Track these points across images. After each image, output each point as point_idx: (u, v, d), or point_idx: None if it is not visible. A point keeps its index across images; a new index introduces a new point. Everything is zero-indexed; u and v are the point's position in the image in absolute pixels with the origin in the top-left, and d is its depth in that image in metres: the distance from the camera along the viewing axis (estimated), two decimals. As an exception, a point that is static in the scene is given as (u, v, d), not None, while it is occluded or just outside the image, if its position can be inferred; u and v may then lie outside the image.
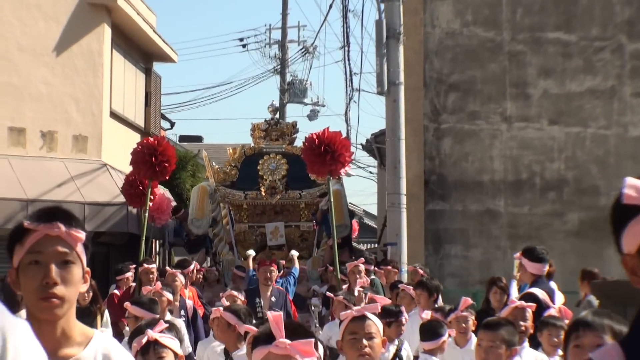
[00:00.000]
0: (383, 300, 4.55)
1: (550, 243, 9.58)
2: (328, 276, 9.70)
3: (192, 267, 8.66)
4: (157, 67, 16.19)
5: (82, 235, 1.57)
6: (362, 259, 9.02)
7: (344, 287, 8.33)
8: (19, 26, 11.61)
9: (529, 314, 4.97)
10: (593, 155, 11.54)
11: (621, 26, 11.27)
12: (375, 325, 3.35)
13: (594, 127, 11.50)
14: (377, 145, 13.96)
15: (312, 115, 24.53)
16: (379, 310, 3.56)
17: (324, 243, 10.92)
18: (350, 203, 11.67)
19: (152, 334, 3.02)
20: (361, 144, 17.76)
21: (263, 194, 11.29)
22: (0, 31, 11.38)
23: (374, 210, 22.07)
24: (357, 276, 8.32)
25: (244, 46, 25.65)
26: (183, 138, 22.75)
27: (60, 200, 10.53)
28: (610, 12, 11.63)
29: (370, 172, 19.39)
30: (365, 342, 3.22)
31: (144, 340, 3.01)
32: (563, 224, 11.52)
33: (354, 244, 9.06)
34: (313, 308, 8.81)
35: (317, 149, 8.82)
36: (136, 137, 12.39)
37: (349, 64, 16.85)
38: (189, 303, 7.67)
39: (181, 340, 4.20)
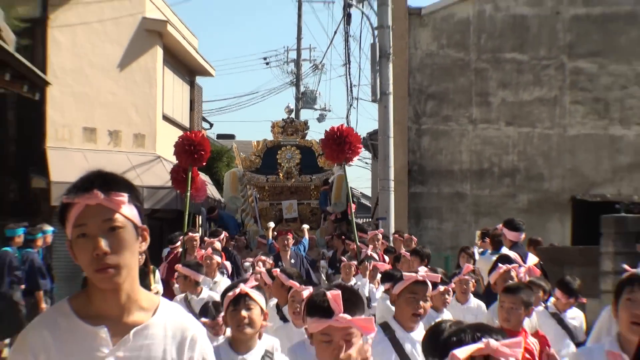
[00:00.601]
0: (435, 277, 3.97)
1: (505, 217, 9.02)
2: (332, 243, 9.48)
3: (222, 235, 8.44)
4: (199, 80, 16.10)
5: (123, 197, 1.23)
6: (382, 230, 8.87)
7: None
8: (91, 48, 11.46)
9: (514, 272, 4.81)
10: (539, 150, 11.60)
11: (563, 48, 11.23)
12: (430, 291, 3.27)
13: (540, 127, 11.56)
14: (372, 142, 13.88)
15: (321, 118, 24.97)
16: (439, 280, 3.46)
17: (327, 217, 10.87)
18: (351, 187, 11.44)
19: (244, 287, 2.81)
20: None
21: (281, 178, 11.27)
22: (77, 52, 11.20)
23: (368, 192, 22.49)
24: (376, 243, 8.00)
25: (267, 63, 25.59)
26: (220, 136, 23.44)
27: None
28: (554, 37, 11.51)
29: (366, 163, 19.39)
30: (422, 303, 3.14)
31: (237, 291, 2.79)
32: (515, 203, 11.55)
33: (356, 219, 8.79)
34: (322, 269, 8.86)
35: (338, 139, 8.33)
36: (183, 136, 12.08)
37: (350, 78, 16.71)
38: (227, 264, 7.34)
39: None
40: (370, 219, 13.28)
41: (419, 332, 2.99)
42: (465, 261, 7.05)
